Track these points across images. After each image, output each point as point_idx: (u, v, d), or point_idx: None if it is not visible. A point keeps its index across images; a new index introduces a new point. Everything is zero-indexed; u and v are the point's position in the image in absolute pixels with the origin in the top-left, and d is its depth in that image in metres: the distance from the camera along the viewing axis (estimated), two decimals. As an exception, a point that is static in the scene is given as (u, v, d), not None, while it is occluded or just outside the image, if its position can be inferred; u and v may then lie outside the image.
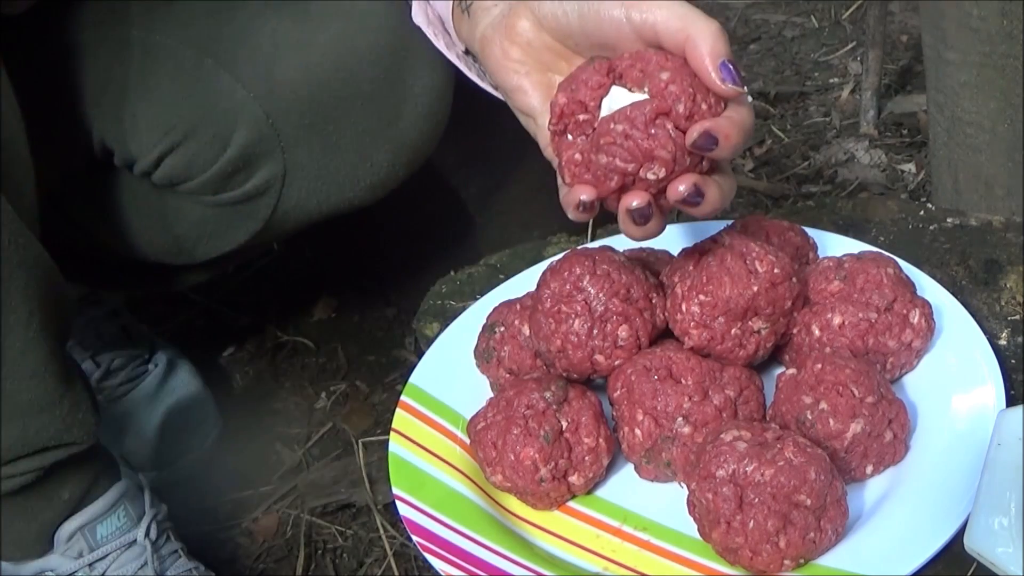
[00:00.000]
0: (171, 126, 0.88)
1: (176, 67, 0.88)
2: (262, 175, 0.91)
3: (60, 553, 0.86)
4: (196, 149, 0.89)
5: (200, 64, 0.88)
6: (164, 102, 0.88)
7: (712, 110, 0.63)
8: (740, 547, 0.65)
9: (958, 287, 0.86)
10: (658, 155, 0.63)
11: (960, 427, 0.71)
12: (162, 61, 0.89)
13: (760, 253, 0.74)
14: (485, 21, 0.72)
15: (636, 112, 0.63)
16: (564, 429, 0.73)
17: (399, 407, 0.82)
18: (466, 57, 0.79)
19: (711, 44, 0.62)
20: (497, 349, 0.81)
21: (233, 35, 0.88)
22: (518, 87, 0.70)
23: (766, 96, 1.67)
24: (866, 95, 1.56)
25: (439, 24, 0.80)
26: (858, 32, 1.77)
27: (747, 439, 0.67)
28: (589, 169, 0.64)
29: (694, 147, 0.62)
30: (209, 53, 0.88)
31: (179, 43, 0.89)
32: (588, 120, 0.65)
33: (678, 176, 0.63)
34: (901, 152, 1.51)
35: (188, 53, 0.88)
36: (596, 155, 0.63)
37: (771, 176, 1.50)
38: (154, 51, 0.89)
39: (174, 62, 0.88)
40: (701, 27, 0.62)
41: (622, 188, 0.64)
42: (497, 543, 0.72)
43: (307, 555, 0.83)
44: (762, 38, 1.84)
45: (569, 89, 0.65)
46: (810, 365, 0.72)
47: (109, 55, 0.90)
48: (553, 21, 0.68)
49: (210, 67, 0.87)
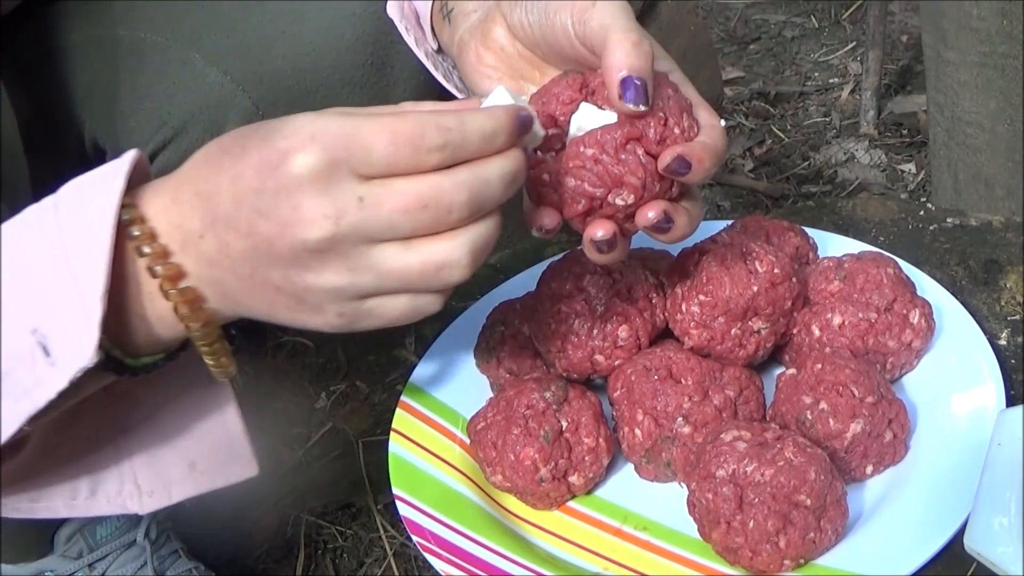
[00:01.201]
0: (162, 122, 0.88)
1: (164, 63, 0.88)
2: None
3: (59, 554, 0.86)
4: (188, 144, 0.89)
5: (187, 59, 0.88)
6: (154, 99, 0.89)
7: (685, 134, 0.61)
8: (740, 547, 0.65)
9: (958, 287, 0.86)
10: (628, 181, 0.61)
11: (960, 427, 0.71)
12: (149, 58, 0.89)
13: (760, 253, 0.74)
14: (464, 26, 0.72)
15: (607, 136, 0.61)
16: (564, 429, 0.73)
17: (399, 407, 0.82)
18: (435, 56, 0.79)
19: (620, 57, 0.60)
20: (497, 349, 0.81)
21: (219, 29, 0.89)
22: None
23: (766, 96, 1.67)
24: (866, 95, 1.56)
25: (413, 18, 0.80)
26: (858, 32, 1.77)
27: (747, 439, 0.67)
28: (556, 190, 0.63)
29: (667, 171, 0.61)
30: (196, 48, 0.88)
31: (165, 39, 0.89)
32: (557, 135, 0.64)
33: (647, 202, 0.62)
34: (901, 152, 1.51)
35: (175, 49, 0.88)
36: (564, 177, 0.62)
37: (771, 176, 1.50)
38: (141, 48, 0.89)
39: (161, 58, 0.89)
40: (618, 38, 0.60)
41: (589, 211, 0.63)
42: (497, 543, 0.72)
43: (307, 555, 0.83)
44: (762, 38, 1.84)
45: (540, 102, 0.64)
46: (810, 365, 0.72)
47: (96, 55, 0.90)
48: (521, 30, 0.67)
49: (198, 62, 0.88)
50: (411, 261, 0.55)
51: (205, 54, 0.88)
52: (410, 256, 0.55)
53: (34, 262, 0.57)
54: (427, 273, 0.55)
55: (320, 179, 0.53)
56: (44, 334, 0.56)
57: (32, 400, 0.56)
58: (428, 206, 0.54)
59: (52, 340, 0.56)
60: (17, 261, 0.57)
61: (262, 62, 0.88)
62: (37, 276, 0.57)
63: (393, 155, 0.53)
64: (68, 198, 0.58)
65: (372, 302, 0.57)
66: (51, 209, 0.58)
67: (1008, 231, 0.91)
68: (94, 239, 0.56)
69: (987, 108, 1.02)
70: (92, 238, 0.56)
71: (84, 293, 0.55)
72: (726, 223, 0.83)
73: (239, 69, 0.87)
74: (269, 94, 0.89)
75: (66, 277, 0.56)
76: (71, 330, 0.56)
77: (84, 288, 0.55)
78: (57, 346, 0.56)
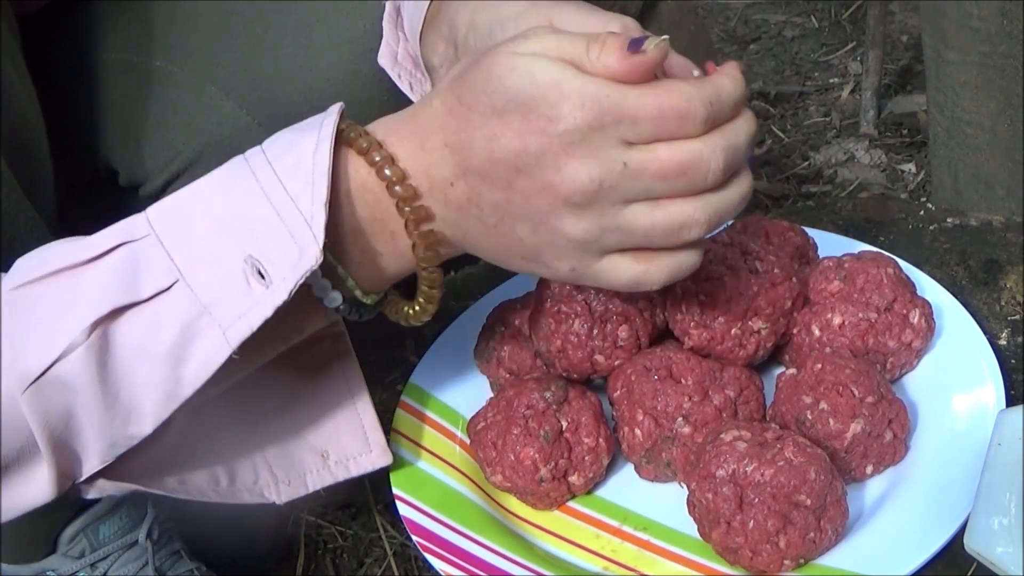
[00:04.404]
0: (176, 152, 0.88)
1: (179, 93, 0.89)
2: None
3: (62, 553, 0.86)
4: (202, 175, 0.90)
5: (203, 90, 0.88)
6: (169, 128, 0.89)
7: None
8: (740, 547, 0.65)
9: (958, 287, 0.86)
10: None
11: (960, 427, 0.71)
12: (165, 87, 0.89)
13: (760, 253, 0.74)
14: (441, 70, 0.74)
15: None
16: (564, 429, 0.73)
17: (399, 407, 0.82)
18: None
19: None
20: (497, 349, 0.81)
21: (235, 61, 0.89)
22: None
23: (766, 96, 1.67)
24: (866, 95, 1.56)
25: (409, 62, 0.80)
26: (858, 32, 1.77)
27: (747, 439, 0.67)
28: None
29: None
30: (211, 79, 0.88)
31: (181, 70, 0.89)
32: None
33: None
34: (901, 152, 1.51)
35: (190, 80, 0.89)
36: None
37: (771, 176, 1.50)
38: (157, 77, 0.89)
39: (176, 88, 0.89)
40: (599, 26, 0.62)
41: None
42: (497, 543, 0.72)
43: (307, 555, 0.83)
44: (762, 38, 1.84)
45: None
46: (810, 365, 0.72)
47: (115, 78, 0.90)
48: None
49: (213, 93, 0.88)
50: (658, 218, 0.58)
51: (220, 86, 0.88)
52: (658, 213, 0.58)
53: (246, 195, 0.59)
54: (671, 231, 0.59)
55: (587, 143, 0.56)
56: (258, 259, 0.58)
57: (248, 321, 0.57)
58: (687, 173, 0.57)
59: (268, 263, 0.57)
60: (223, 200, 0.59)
61: (278, 95, 0.88)
62: (249, 208, 0.58)
63: (660, 126, 0.56)
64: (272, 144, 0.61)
65: (606, 262, 0.60)
66: (256, 153, 0.60)
67: (1008, 231, 0.91)
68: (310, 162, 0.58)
69: (987, 108, 1.02)
70: (308, 161, 0.58)
71: (303, 208, 0.57)
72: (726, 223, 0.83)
73: (254, 102, 0.88)
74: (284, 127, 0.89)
75: (282, 199, 0.58)
76: (289, 248, 0.57)
77: (302, 204, 0.58)
78: (274, 266, 0.57)
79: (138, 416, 0.59)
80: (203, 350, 0.58)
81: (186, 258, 0.58)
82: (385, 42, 0.81)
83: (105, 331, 0.58)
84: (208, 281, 0.58)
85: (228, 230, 0.58)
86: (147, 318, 0.58)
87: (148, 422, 0.59)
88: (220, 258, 0.58)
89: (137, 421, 0.59)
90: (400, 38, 0.81)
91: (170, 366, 0.58)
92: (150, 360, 0.58)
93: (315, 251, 0.57)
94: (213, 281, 0.58)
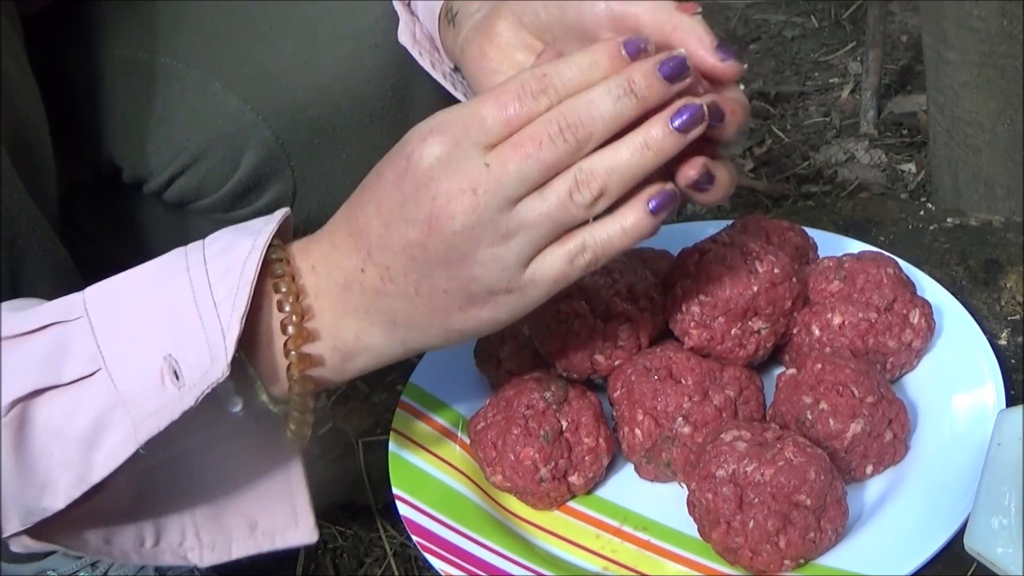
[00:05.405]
0: (181, 148, 0.88)
1: (183, 90, 0.89)
2: (272, 194, 0.92)
3: (62, 553, 0.85)
4: (206, 171, 0.90)
5: (207, 87, 0.88)
6: (173, 125, 0.89)
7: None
8: (740, 547, 0.65)
9: (958, 287, 0.86)
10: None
11: (960, 427, 0.71)
12: (169, 84, 0.89)
13: (760, 253, 0.74)
14: (467, 25, 0.72)
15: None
16: (564, 429, 0.73)
17: (399, 407, 0.82)
18: (453, 75, 0.79)
19: (700, 31, 0.61)
20: (497, 349, 0.81)
21: (239, 58, 0.89)
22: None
23: (766, 96, 1.67)
24: (866, 95, 1.56)
25: (427, 42, 0.80)
26: (858, 32, 1.77)
27: (747, 439, 0.67)
28: None
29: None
30: (216, 76, 0.88)
31: (186, 66, 0.89)
32: None
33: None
34: (901, 152, 1.51)
35: (195, 76, 0.89)
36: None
37: (771, 176, 1.50)
38: (161, 73, 0.89)
39: (181, 85, 0.89)
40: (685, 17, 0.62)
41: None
42: (497, 543, 0.72)
43: (307, 555, 0.83)
44: (762, 38, 1.84)
45: None
46: (810, 365, 0.72)
47: (119, 75, 0.90)
48: (534, 17, 0.68)
49: (217, 90, 0.88)
50: (548, 199, 0.57)
51: (225, 83, 0.88)
52: (546, 194, 0.57)
53: (177, 293, 0.59)
54: (565, 205, 0.57)
55: (449, 162, 0.56)
56: (176, 360, 0.57)
57: (157, 420, 0.57)
58: (543, 143, 0.56)
59: (185, 365, 0.57)
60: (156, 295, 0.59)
61: (282, 92, 0.88)
62: (177, 307, 0.58)
63: (504, 115, 0.56)
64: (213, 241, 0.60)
65: (532, 267, 0.58)
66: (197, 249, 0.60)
67: (1008, 231, 0.91)
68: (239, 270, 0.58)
69: (987, 108, 1.02)
70: (237, 269, 0.58)
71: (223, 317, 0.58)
72: (726, 223, 0.83)
73: (259, 98, 0.88)
74: (289, 124, 0.89)
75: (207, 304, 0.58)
76: (203, 355, 0.57)
77: (223, 312, 0.58)
78: (189, 370, 0.57)
79: (52, 492, 0.59)
80: (113, 441, 0.58)
81: (112, 346, 0.58)
82: (403, 22, 0.81)
83: (25, 408, 0.58)
84: (128, 374, 0.58)
85: (155, 325, 0.58)
86: (67, 401, 0.58)
87: (61, 499, 0.59)
88: (143, 353, 0.58)
89: (51, 496, 0.59)
90: (414, 20, 0.81)
91: (82, 451, 0.58)
92: (65, 442, 0.58)
93: (222, 365, 0.57)
94: (133, 375, 0.58)
